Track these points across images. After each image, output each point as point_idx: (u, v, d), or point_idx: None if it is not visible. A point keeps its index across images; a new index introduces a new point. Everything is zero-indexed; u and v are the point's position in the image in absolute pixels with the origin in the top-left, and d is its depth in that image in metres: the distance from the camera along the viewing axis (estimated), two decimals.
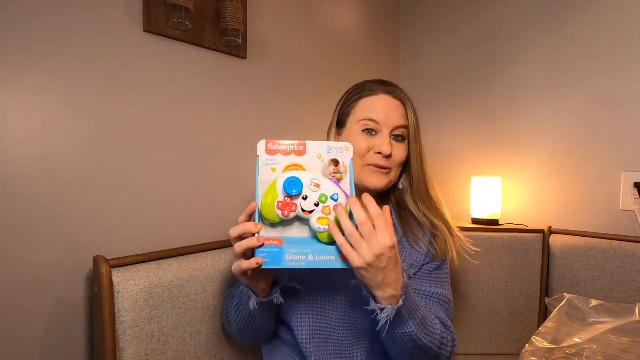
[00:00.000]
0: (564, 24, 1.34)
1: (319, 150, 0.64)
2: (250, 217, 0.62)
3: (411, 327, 0.65)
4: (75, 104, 0.83)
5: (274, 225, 0.62)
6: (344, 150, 0.65)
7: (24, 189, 0.77)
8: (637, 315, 0.85)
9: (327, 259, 0.60)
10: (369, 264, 0.58)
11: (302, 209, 0.60)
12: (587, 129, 1.30)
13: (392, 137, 0.81)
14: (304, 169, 0.63)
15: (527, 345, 0.82)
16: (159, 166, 0.97)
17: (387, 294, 0.61)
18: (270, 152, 0.62)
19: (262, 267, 0.59)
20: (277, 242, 0.60)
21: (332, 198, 0.61)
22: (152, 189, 0.95)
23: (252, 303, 0.68)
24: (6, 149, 0.75)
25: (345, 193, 0.62)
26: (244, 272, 0.62)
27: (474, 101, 1.56)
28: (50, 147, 0.80)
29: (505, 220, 1.43)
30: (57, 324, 0.82)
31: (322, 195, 0.61)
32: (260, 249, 0.59)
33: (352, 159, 0.65)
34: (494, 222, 1.37)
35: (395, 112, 0.80)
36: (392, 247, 0.59)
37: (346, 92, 0.88)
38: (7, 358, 0.76)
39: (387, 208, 0.61)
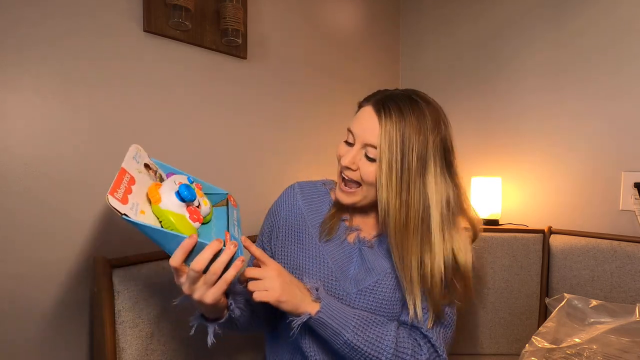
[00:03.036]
0: (564, 23, 1.34)
1: (135, 166, 0.63)
2: (187, 255, 0.57)
3: (346, 336, 0.66)
4: (76, 104, 0.83)
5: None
6: (139, 152, 0.66)
7: (24, 189, 0.77)
8: (637, 315, 0.85)
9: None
10: (282, 289, 0.63)
11: (196, 207, 0.63)
12: (587, 129, 1.30)
13: (364, 154, 0.72)
14: (159, 184, 0.62)
15: (527, 345, 0.82)
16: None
17: (314, 305, 0.66)
18: (123, 201, 0.56)
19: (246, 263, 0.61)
20: (228, 235, 0.63)
21: (189, 181, 0.64)
22: None
23: (211, 337, 0.65)
24: (6, 149, 0.75)
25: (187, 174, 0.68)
26: (223, 289, 0.59)
27: (474, 101, 1.56)
28: (50, 147, 0.80)
29: (505, 220, 1.43)
30: (57, 324, 0.82)
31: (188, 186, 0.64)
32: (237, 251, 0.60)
33: (147, 155, 0.68)
34: (494, 222, 1.37)
35: (368, 127, 0.70)
36: (277, 266, 0.66)
37: None
38: (8, 358, 0.76)
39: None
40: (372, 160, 0.71)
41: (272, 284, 0.63)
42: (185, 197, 0.59)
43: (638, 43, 1.20)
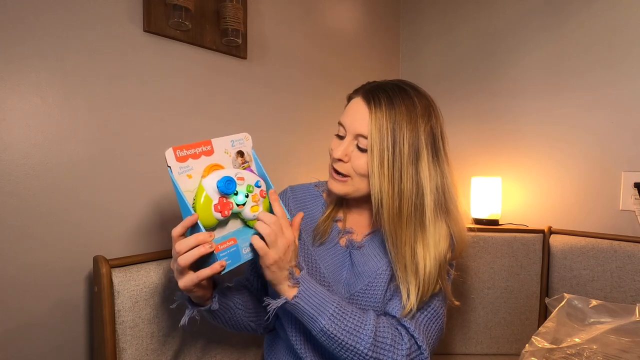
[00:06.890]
0: (564, 23, 1.34)
1: (224, 146, 0.66)
2: (186, 229, 0.60)
3: (322, 323, 0.64)
4: (76, 104, 0.83)
5: (210, 229, 0.62)
6: (244, 140, 0.70)
7: (24, 189, 0.77)
8: (637, 315, 0.85)
9: None
10: (279, 260, 0.62)
11: (236, 204, 0.62)
12: (587, 129, 1.30)
13: (356, 145, 0.72)
14: (223, 167, 0.65)
15: (527, 345, 0.82)
16: (159, 166, 0.96)
17: (291, 290, 0.65)
18: (180, 159, 0.60)
19: (226, 270, 0.59)
20: (233, 242, 0.62)
21: (255, 185, 0.66)
22: (152, 188, 0.95)
23: (185, 319, 0.67)
24: (6, 149, 0.75)
25: (261, 178, 0.68)
26: (197, 284, 0.61)
27: (474, 101, 1.56)
28: (50, 147, 0.80)
29: (505, 220, 1.43)
30: (57, 324, 0.82)
31: (248, 186, 0.64)
32: (220, 253, 0.59)
33: (252, 147, 0.70)
34: (494, 222, 1.37)
35: (358, 118, 0.70)
36: (294, 241, 0.65)
37: None
38: (8, 358, 0.76)
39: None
40: (363, 150, 0.70)
41: (275, 249, 0.63)
42: (219, 186, 0.60)
43: (637, 42, 1.20)
